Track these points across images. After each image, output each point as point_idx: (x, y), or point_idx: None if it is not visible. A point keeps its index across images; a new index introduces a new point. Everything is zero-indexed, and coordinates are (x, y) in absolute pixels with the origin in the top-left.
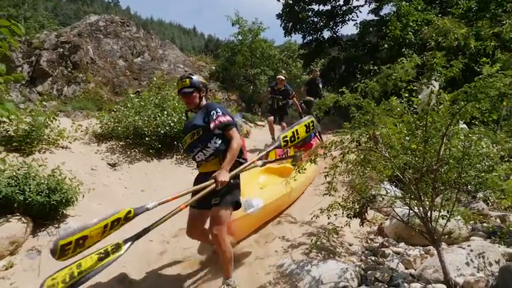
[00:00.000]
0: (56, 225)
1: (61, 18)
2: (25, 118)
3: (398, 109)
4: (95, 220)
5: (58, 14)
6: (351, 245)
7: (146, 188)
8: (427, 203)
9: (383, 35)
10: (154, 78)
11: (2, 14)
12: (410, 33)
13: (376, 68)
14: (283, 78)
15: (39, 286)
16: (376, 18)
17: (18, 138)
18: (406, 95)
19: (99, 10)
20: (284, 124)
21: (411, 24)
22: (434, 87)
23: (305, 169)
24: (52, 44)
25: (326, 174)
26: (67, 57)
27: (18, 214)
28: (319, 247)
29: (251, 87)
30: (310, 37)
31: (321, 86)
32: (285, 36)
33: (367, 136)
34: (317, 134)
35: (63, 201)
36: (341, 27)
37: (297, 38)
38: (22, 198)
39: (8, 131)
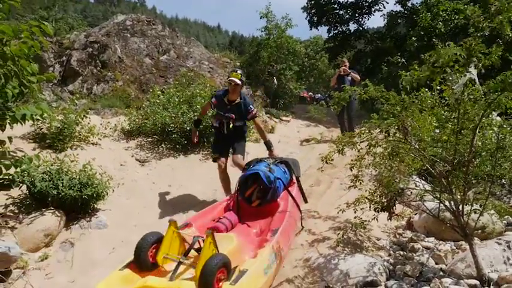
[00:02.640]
0: (88, 219)
1: (90, 20)
2: (57, 116)
3: (429, 101)
4: None
5: (87, 15)
6: (378, 239)
7: (173, 183)
8: (459, 196)
9: (412, 25)
10: (181, 75)
11: (33, 17)
12: (440, 23)
13: (404, 60)
14: (239, 82)
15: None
16: (402, 9)
17: (51, 135)
18: (438, 87)
19: (126, 10)
20: (239, 158)
21: (441, 13)
22: (473, 74)
23: (332, 159)
24: (82, 44)
25: (352, 166)
26: (96, 56)
27: (52, 208)
28: (346, 241)
29: (276, 82)
30: (336, 30)
31: (349, 79)
32: (311, 29)
33: (396, 127)
34: (290, 185)
35: (94, 195)
36: (367, 19)
37: (323, 32)
38: (55, 193)
39: (42, 128)
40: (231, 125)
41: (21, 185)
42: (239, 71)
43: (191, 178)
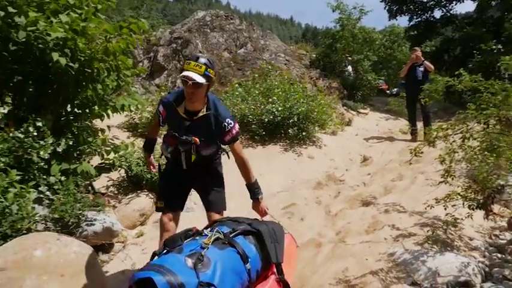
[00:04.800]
0: None
1: (169, 18)
2: (147, 108)
3: None
4: None
5: (167, 14)
6: (471, 239)
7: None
8: None
9: (508, 8)
10: (258, 67)
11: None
12: None
13: (500, 46)
14: (201, 81)
15: None
16: None
17: (142, 125)
18: None
19: (202, 7)
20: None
21: None
22: None
23: (422, 152)
24: (167, 40)
25: (442, 160)
26: (179, 51)
27: (146, 190)
28: (435, 238)
29: (352, 72)
30: (419, 18)
31: (421, 69)
32: (389, 20)
33: (497, 118)
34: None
35: None
36: (455, 5)
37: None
38: (149, 177)
39: (134, 119)
40: (194, 156)
41: (119, 169)
42: (202, 60)
43: (269, 168)
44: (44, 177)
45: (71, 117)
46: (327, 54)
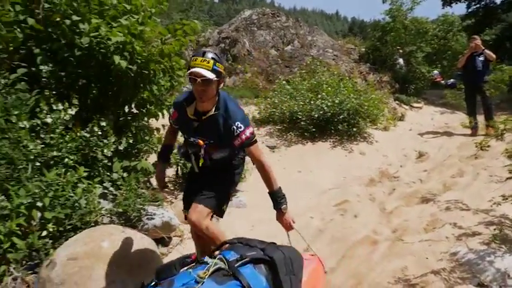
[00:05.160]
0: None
1: (215, 19)
2: None
3: None
4: None
5: (212, 15)
6: None
7: (303, 169)
8: None
9: None
10: (305, 63)
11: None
12: None
13: None
14: (210, 76)
15: None
16: None
17: None
18: None
19: (247, 7)
20: (199, 212)
21: None
22: None
23: (489, 146)
24: (215, 40)
25: (510, 155)
26: (227, 51)
27: None
28: (502, 238)
29: (403, 64)
30: (477, 4)
31: (481, 59)
32: (443, 7)
33: None
34: None
35: None
36: None
37: (455, 9)
38: None
39: None
40: (201, 160)
41: (174, 166)
42: (210, 54)
43: (320, 164)
44: (108, 173)
45: (129, 117)
46: (377, 47)
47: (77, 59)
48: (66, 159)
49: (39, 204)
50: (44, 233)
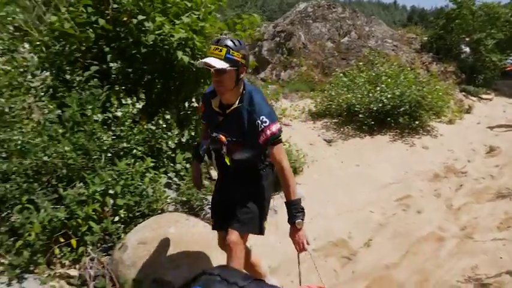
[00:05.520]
0: None
1: (268, 14)
2: None
3: None
4: None
5: (265, 10)
6: None
7: (361, 162)
8: None
9: None
10: (363, 55)
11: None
12: None
13: None
14: (224, 66)
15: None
16: None
17: None
18: None
19: (300, 0)
20: (234, 238)
21: None
22: None
23: None
24: (270, 35)
25: None
26: (283, 44)
27: None
28: None
29: (470, 53)
30: None
31: None
32: None
33: None
34: None
35: (292, 170)
36: None
37: None
38: None
39: None
40: (227, 158)
41: None
42: (223, 41)
43: (379, 158)
44: (171, 164)
45: (189, 111)
46: (441, 35)
47: (143, 55)
48: (135, 150)
49: (111, 191)
50: (116, 218)
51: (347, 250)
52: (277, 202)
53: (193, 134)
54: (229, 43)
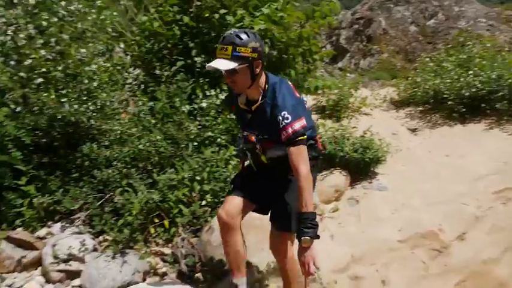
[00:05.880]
0: (369, 181)
1: (344, 2)
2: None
3: None
4: None
5: None
6: None
7: (451, 153)
8: None
9: None
10: (452, 38)
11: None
12: None
13: None
14: (231, 66)
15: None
16: None
17: (330, 107)
18: None
19: None
20: (281, 242)
21: None
22: None
23: None
24: (348, 22)
25: None
26: (361, 32)
27: (338, 168)
28: None
29: None
30: None
31: None
32: None
33: None
34: None
35: (374, 159)
36: None
37: None
38: (342, 155)
39: (321, 101)
40: (262, 156)
41: None
42: (228, 38)
43: (472, 148)
44: None
45: None
46: None
47: None
48: (219, 139)
49: (198, 177)
50: (203, 202)
51: (437, 242)
52: (359, 192)
53: None
54: (235, 39)
